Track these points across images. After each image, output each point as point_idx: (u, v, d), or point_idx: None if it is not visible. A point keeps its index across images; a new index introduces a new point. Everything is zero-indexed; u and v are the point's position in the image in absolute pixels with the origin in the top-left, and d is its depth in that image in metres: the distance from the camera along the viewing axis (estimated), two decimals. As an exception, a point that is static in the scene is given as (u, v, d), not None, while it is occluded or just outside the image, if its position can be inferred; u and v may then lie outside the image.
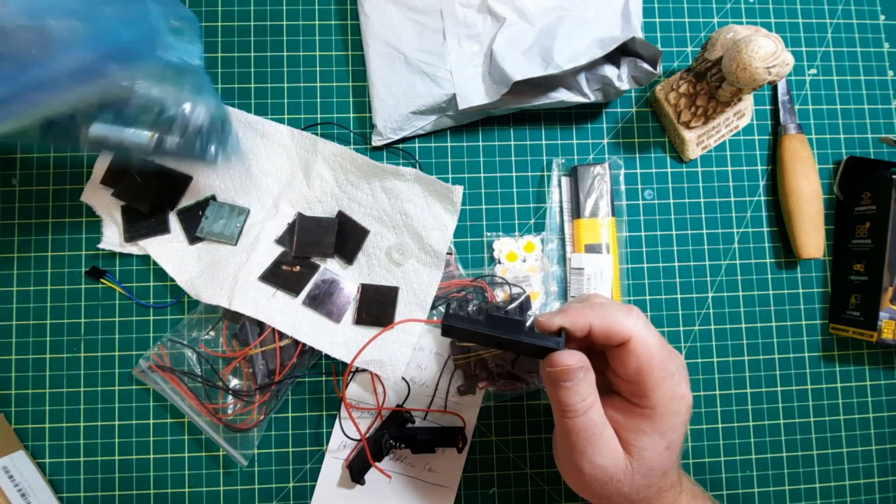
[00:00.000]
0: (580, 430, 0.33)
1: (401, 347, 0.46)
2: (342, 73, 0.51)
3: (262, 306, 0.44)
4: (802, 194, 0.49)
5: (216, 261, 0.46)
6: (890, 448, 0.50)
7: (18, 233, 0.48)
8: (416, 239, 0.47)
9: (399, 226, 0.47)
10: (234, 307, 0.44)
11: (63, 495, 0.46)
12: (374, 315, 0.46)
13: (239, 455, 0.45)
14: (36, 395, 0.47)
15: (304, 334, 0.45)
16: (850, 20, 0.54)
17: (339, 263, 0.48)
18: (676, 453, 0.34)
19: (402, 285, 0.47)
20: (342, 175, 0.47)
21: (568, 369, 0.32)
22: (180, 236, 0.47)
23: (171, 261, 0.46)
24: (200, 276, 0.46)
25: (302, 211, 0.48)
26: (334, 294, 0.46)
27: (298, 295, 0.46)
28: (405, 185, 0.47)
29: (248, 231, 0.47)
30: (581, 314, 0.33)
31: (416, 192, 0.47)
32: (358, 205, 0.47)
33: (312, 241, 0.46)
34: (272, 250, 0.47)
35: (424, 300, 0.46)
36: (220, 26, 0.51)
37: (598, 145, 0.51)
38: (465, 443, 0.46)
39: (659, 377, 0.32)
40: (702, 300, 0.51)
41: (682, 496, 0.35)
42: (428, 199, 0.46)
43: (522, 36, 0.47)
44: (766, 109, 0.53)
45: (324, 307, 0.46)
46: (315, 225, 0.47)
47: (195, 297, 0.45)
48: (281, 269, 0.46)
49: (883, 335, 0.46)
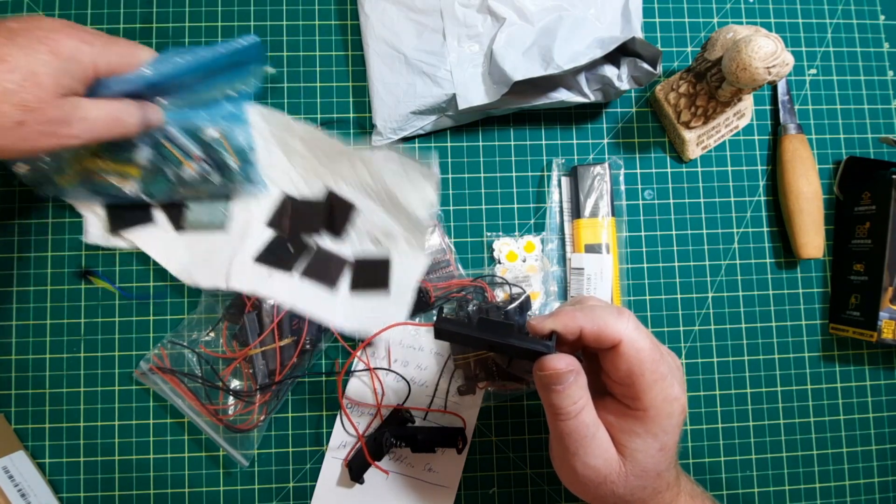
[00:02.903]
0: (572, 432, 0.33)
1: (398, 310, 0.46)
2: (342, 73, 0.51)
3: (260, 284, 0.45)
4: (802, 194, 0.49)
5: (210, 248, 0.46)
6: (890, 448, 0.50)
7: (18, 233, 0.48)
8: (399, 209, 0.47)
9: (383, 197, 0.47)
10: (232, 287, 0.44)
11: (63, 495, 0.46)
12: (369, 281, 0.47)
13: (240, 455, 0.45)
14: (36, 395, 0.47)
15: (303, 306, 0.45)
16: (850, 20, 0.54)
17: (331, 238, 0.48)
18: (671, 454, 0.34)
19: (391, 255, 0.47)
20: (320, 152, 0.47)
21: (558, 373, 0.32)
22: (167, 226, 0.47)
23: (161, 251, 0.46)
24: (195, 263, 0.45)
25: (286, 189, 0.48)
26: (329, 266, 0.47)
27: (294, 270, 0.46)
28: (383, 159, 0.47)
29: (235, 216, 0.47)
30: (572, 317, 0.33)
31: (395, 164, 0.46)
32: (342, 179, 0.47)
33: (304, 223, 0.47)
34: (265, 233, 0.47)
35: (415, 269, 0.47)
36: (220, 26, 0.51)
37: (598, 145, 0.51)
38: (465, 444, 0.46)
39: (650, 380, 0.32)
40: (702, 300, 0.51)
41: (681, 497, 0.35)
42: (407, 169, 0.46)
43: (522, 36, 0.47)
44: (766, 109, 0.53)
45: (320, 278, 0.46)
46: (306, 207, 0.47)
47: (191, 283, 0.45)
48: (275, 250, 0.46)
49: (883, 335, 0.46)
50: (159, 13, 0.50)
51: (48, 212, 0.48)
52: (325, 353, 0.48)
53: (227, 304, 0.47)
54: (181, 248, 0.46)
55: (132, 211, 0.46)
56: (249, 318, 0.45)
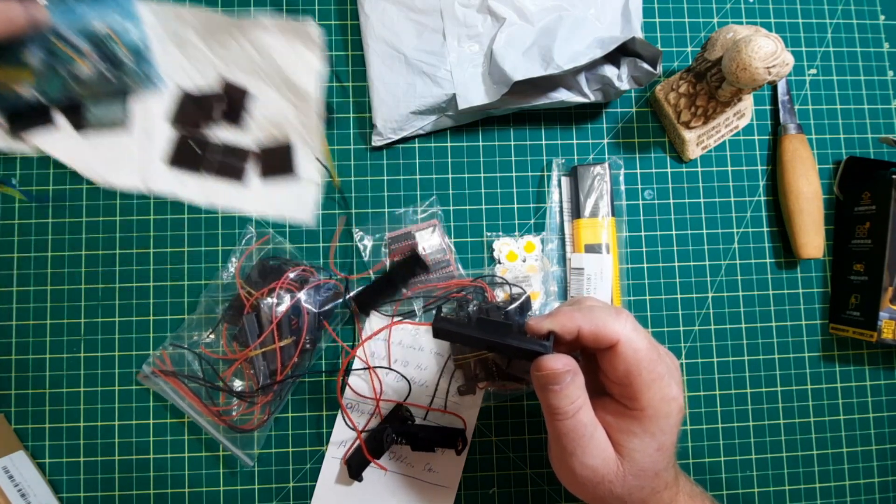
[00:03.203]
0: (569, 432, 0.33)
1: (306, 193, 0.48)
2: (342, 73, 0.51)
3: (176, 188, 0.47)
4: (802, 194, 0.49)
5: (115, 147, 0.48)
6: (890, 448, 0.50)
7: (18, 233, 0.48)
8: (290, 87, 0.48)
9: (273, 77, 0.48)
10: (150, 190, 0.47)
11: (63, 495, 0.46)
12: (276, 168, 0.49)
13: (245, 456, 0.45)
14: (36, 395, 0.47)
15: (221, 202, 0.48)
16: (850, 20, 0.54)
17: (230, 128, 0.49)
18: (669, 454, 0.34)
19: (291, 139, 0.49)
20: (211, 39, 0.49)
21: (555, 373, 0.32)
22: (67, 127, 0.48)
23: (64, 152, 0.47)
24: (104, 164, 0.47)
25: (183, 83, 0.49)
26: (235, 160, 0.48)
27: (204, 170, 0.48)
28: (268, 35, 0.48)
29: (136, 114, 0.48)
30: (570, 318, 0.33)
31: (279, 40, 0.48)
32: (235, 65, 0.49)
33: (203, 116, 0.48)
34: (167, 130, 0.48)
35: (313, 141, 0.49)
36: (220, 26, 0.51)
37: (598, 145, 0.51)
38: (464, 445, 0.46)
39: (648, 380, 0.32)
40: (702, 300, 0.51)
41: (679, 496, 0.35)
42: (292, 43, 0.48)
43: (522, 36, 0.47)
44: (766, 109, 0.53)
45: (229, 174, 0.48)
46: (203, 100, 0.49)
47: (104, 184, 0.47)
48: (183, 151, 0.48)
49: (883, 335, 0.46)
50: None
51: (48, 212, 0.48)
52: (325, 352, 0.48)
53: (226, 305, 0.47)
54: (85, 149, 0.47)
55: (31, 114, 0.47)
56: (248, 320, 0.45)
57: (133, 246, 0.48)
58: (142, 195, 0.48)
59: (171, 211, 0.49)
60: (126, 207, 0.49)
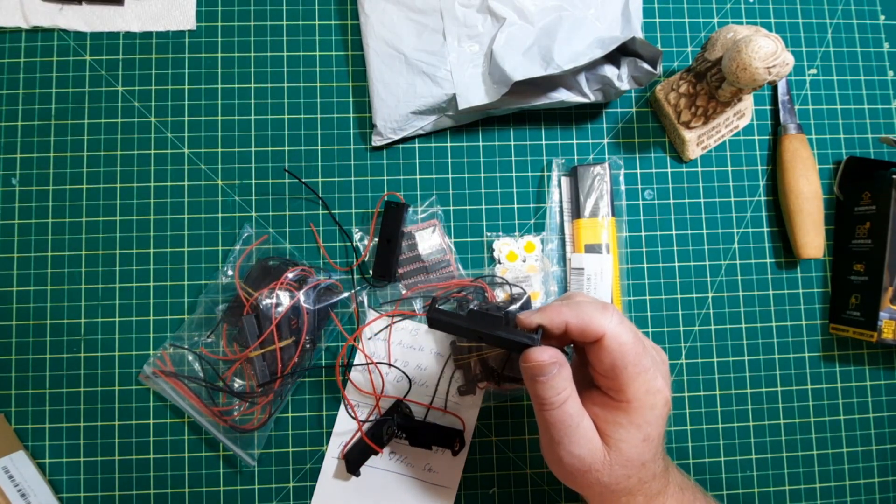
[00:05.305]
0: (556, 422, 0.34)
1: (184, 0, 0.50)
2: (342, 73, 0.51)
3: (58, 18, 0.49)
4: (802, 194, 0.49)
5: None
6: (890, 448, 0.50)
7: (18, 233, 0.48)
8: None
9: None
10: (32, 24, 0.49)
11: (63, 495, 0.46)
12: None
13: (247, 456, 0.45)
14: (36, 395, 0.47)
15: (100, 24, 0.49)
16: (850, 20, 0.54)
17: None
18: (655, 445, 0.34)
19: None
20: None
21: (541, 364, 0.33)
22: None
23: None
24: None
25: None
26: None
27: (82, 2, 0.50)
28: None
29: None
30: (558, 312, 0.34)
31: None
32: None
33: None
34: None
35: None
36: (220, 26, 0.51)
37: (598, 145, 0.51)
38: (462, 446, 0.46)
39: (633, 372, 0.33)
40: (702, 300, 0.51)
41: (669, 487, 0.36)
42: None
43: (522, 36, 0.47)
44: (766, 109, 0.53)
45: None
46: None
47: None
48: None
49: (883, 335, 0.46)
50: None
51: (48, 212, 0.48)
52: (325, 353, 0.48)
53: (225, 305, 0.47)
54: None
55: None
56: (248, 320, 0.45)
57: (133, 246, 0.48)
58: (142, 195, 0.49)
59: (172, 211, 0.49)
60: (126, 207, 0.49)
